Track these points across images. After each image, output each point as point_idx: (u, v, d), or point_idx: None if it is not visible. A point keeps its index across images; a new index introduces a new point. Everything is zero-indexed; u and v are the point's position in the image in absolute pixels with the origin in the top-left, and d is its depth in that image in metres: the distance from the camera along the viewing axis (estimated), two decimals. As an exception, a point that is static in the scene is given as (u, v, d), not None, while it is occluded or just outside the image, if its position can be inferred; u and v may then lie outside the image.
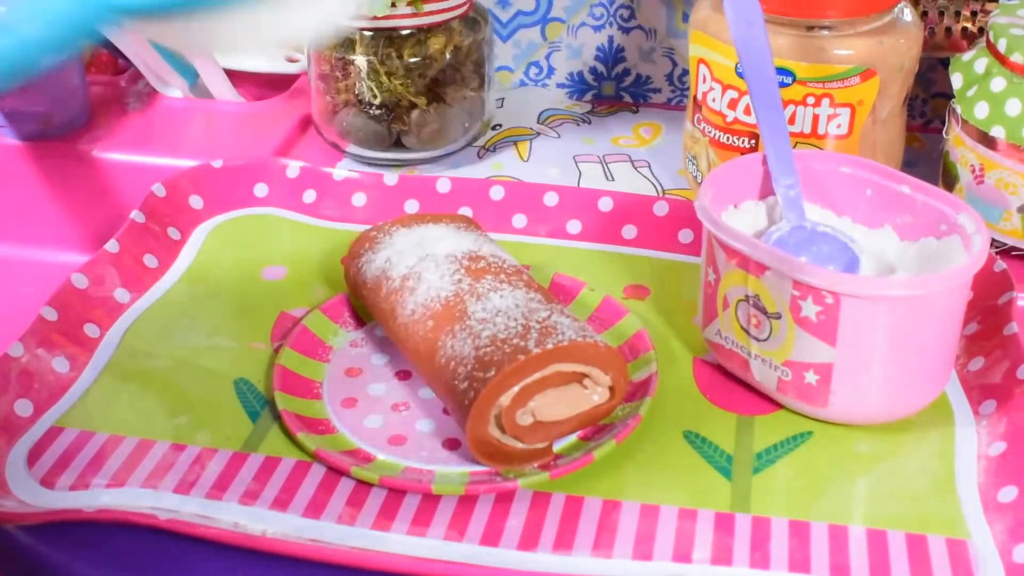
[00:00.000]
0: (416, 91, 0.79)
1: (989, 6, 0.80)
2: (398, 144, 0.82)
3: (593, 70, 0.93)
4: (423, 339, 0.58)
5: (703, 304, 0.62)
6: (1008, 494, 0.53)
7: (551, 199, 0.74)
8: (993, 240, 0.70)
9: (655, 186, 0.81)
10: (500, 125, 0.89)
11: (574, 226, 0.74)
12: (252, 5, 0.47)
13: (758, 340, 0.58)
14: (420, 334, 0.58)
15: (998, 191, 0.68)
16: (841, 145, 0.70)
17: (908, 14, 0.71)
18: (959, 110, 0.69)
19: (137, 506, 0.53)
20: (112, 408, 0.60)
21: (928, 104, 0.87)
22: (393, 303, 0.61)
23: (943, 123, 0.78)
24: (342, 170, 0.77)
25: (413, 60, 0.78)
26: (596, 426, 0.58)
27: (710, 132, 0.74)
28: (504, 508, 0.54)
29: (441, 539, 0.52)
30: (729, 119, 0.72)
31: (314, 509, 0.54)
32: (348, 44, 0.79)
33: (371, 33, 0.78)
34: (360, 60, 0.78)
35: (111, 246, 0.69)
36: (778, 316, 0.57)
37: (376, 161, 0.82)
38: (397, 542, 0.52)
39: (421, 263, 0.61)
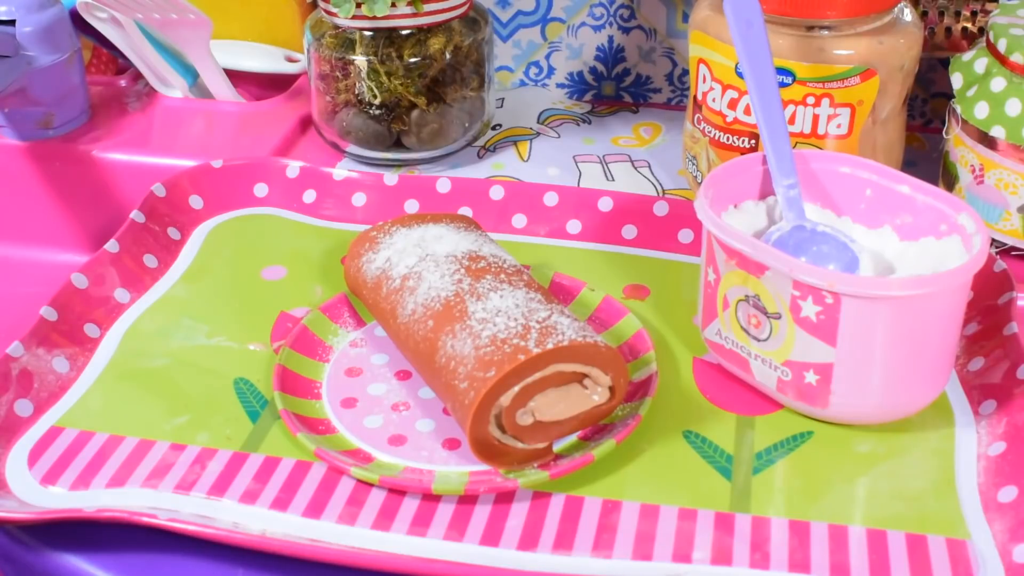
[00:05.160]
0: (416, 91, 0.79)
1: (989, 6, 0.80)
2: (398, 144, 0.82)
3: (593, 70, 0.93)
4: (423, 339, 0.58)
5: (703, 304, 0.62)
6: (1008, 494, 0.53)
7: (551, 199, 0.74)
8: (993, 240, 0.70)
9: (655, 186, 0.81)
10: (500, 125, 0.89)
11: (574, 226, 0.74)
12: None
13: (758, 340, 0.58)
14: (420, 334, 0.58)
15: (998, 191, 0.68)
16: (841, 145, 0.70)
17: (908, 14, 0.71)
18: (959, 110, 0.69)
19: (137, 506, 0.53)
20: (112, 408, 0.60)
21: (928, 104, 0.87)
22: (393, 303, 0.61)
23: (943, 123, 0.78)
24: (342, 170, 0.77)
25: (413, 60, 0.78)
26: (596, 426, 0.58)
27: (710, 132, 0.74)
28: (504, 508, 0.54)
29: (441, 539, 0.52)
30: (729, 119, 0.72)
31: (314, 509, 0.54)
32: (348, 44, 0.79)
33: (371, 33, 0.78)
34: (360, 60, 0.78)
35: (111, 246, 0.69)
36: (778, 316, 0.57)
37: (376, 161, 0.82)
38: (397, 542, 0.52)
39: (421, 263, 0.61)
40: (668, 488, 0.55)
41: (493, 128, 0.88)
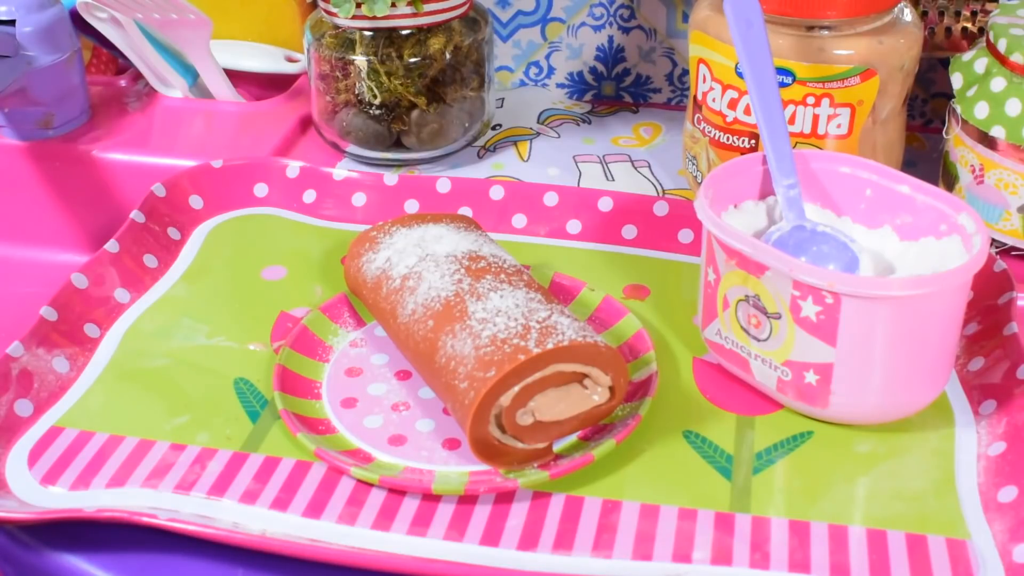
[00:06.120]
0: (416, 91, 0.79)
1: (989, 6, 0.80)
2: (398, 144, 0.82)
3: (593, 70, 0.93)
4: (423, 339, 0.58)
5: (703, 304, 0.62)
6: (1008, 494, 0.53)
7: (551, 199, 0.74)
8: (993, 240, 0.70)
9: (655, 186, 0.81)
10: (500, 125, 0.89)
11: (574, 226, 0.74)
12: None
13: (758, 340, 0.58)
14: (420, 334, 0.58)
15: (998, 191, 0.68)
16: (841, 145, 0.70)
17: (908, 14, 0.71)
18: (959, 110, 0.69)
19: (137, 506, 0.53)
20: (112, 408, 0.60)
21: (928, 104, 0.87)
22: (393, 303, 0.61)
23: (943, 123, 0.78)
24: (342, 170, 0.77)
25: (413, 60, 0.78)
26: (596, 426, 0.58)
27: (710, 132, 0.74)
28: (504, 508, 0.54)
29: (441, 539, 0.52)
30: (729, 119, 0.72)
31: (314, 509, 0.54)
32: (348, 44, 0.79)
33: (371, 33, 0.78)
34: (360, 60, 0.78)
35: (111, 246, 0.69)
36: (778, 316, 0.57)
37: (376, 161, 0.82)
38: (397, 542, 0.52)
39: (421, 263, 0.61)
40: (668, 488, 0.55)
41: (493, 128, 0.88)
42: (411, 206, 0.75)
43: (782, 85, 0.69)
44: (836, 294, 0.54)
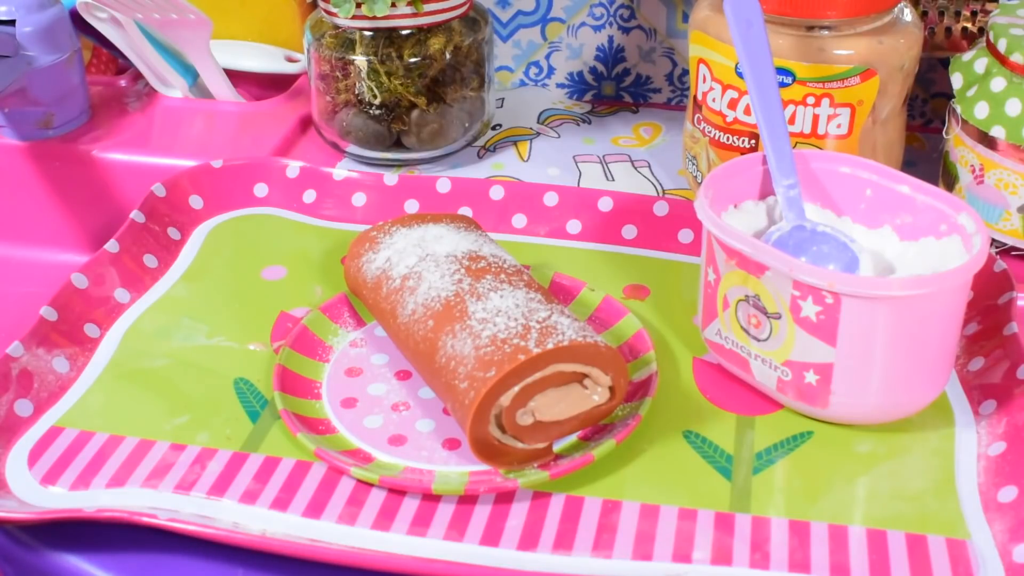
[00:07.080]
0: (416, 91, 0.79)
1: (989, 6, 0.80)
2: (398, 144, 0.82)
3: (593, 70, 0.93)
4: (423, 339, 0.58)
5: (703, 304, 0.62)
6: (1008, 494, 0.53)
7: (551, 199, 0.74)
8: (993, 240, 0.70)
9: (655, 186, 0.81)
10: (500, 125, 0.89)
11: (574, 226, 0.74)
12: None
13: (758, 340, 0.58)
14: (420, 334, 0.58)
15: (998, 191, 0.68)
16: (841, 145, 0.70)
17: (908, 14, 0.71)
18: (959, 110, 0.69)
19: (137, 506, 0.53)
20: (112, 408, 0.60)
21: (928, 104, 0.87)
22: (393, 303, 0.61)
23: (943, 123, 0.78)
24: (342, 170, 0.77)
25: (413, 60, 0.78)
26: (596, 426, 0.58)
27: (710, 132, 0.74)
28: (504, 508, 0.54)
29: (441, 539, 0.52)
30: (729, 119, 0.72)
31: (314, 509, 0.54)
32: (348, 44, 0.79)
33: (371, 33, 0.78)
34: (360, 60, 0.78)
35: (111, 246, 0.69)
36: (778, 316, 0.57)
37: (376, 161, 0.82)
38: (397, 542, 0.52)
39: (421, 263, 0.61)
40: (668, 488, 0.55)
41: (493, 128, 0.88)
42: (411, 206, 0.75)
43: (782, 85, 0.69)
44: (836, 294, 0.54)
